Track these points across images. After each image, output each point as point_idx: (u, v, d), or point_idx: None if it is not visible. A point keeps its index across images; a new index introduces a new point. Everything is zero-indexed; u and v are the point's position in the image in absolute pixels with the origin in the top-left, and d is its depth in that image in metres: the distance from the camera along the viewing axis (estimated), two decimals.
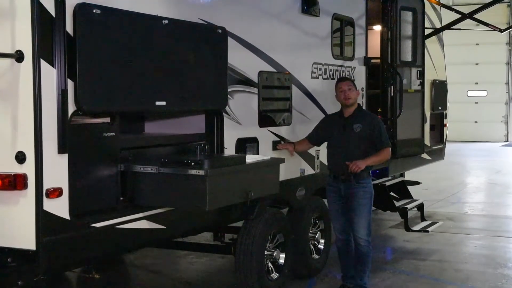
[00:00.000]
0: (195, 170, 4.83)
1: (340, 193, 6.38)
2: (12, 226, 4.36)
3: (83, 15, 4.41)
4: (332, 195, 6.48)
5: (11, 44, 4.26)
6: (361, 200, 6.31)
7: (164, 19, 5.06)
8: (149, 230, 5.11)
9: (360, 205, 6.30)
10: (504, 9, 26.76)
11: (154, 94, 5.01)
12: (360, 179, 6.30)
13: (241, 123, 6.09)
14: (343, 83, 6.50)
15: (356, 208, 6.31)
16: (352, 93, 6.42)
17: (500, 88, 28.01)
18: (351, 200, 6.32)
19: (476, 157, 21.63)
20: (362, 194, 6.31)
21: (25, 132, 4.26)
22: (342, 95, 6.41)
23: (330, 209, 6.60)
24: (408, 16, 9.30)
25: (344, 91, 6.40)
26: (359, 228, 6.33)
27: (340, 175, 6.35)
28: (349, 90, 6.40)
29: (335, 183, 6.42)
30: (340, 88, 6.45)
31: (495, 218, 11.17)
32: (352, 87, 6.46)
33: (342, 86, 6.44)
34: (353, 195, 6.31)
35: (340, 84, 6.50)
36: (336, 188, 6.41)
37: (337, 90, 6.49)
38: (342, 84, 6.48)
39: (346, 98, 6.40)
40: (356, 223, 6.33)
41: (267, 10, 6.55)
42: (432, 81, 10.69)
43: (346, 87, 6.42)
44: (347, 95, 6.39)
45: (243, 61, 6.11)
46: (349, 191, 6.32)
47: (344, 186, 6.34)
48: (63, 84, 4.32)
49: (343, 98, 6.42)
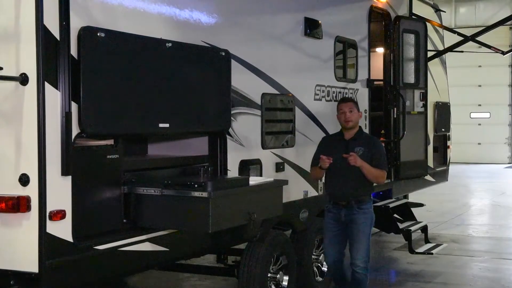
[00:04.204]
0: (198, 192, 4.83)
1: (340, 219, 6.13)
2: (15, 249, 4.35)
3: (88, 38, 4.44)
4: (331, 222, 6.20)
5: (16, 67, 4.29)
6: (361, 226, 6.09)
7: (168, 42, 5.09)
8: (152, 253, 5.10)
9: (360, 231, 6.09)
10: (507, 31, 26.85)
11: (158, 116, 5.03)
12: (362, 204, 6.11)
13: (244, 145, 6.10)
14: (344, 104, 6.24)
15: (356, 234, 6.09)
16: (353, 116, 6.16)
17: (503, 110, 28.02)
18: (352, 226, 6.09)
19: (480, 179, 21.57)
20: (363, 220, 6.10)
21: (28, 154, 4.27)
22: (343, 117, 6.17)
23: (327, 236, 6.27)
24: (411, 38, 9.35)
25: (345, 112, 6.15)
26: (357, 255, 6.08)
27: (342, 200, 6.13)
28: (350, 112, 6.14)
29: (335, 209, 6.17)
30: (341, 109, 6.19)
31: (500, 240, 11.12)
32: (353, 109, 6.19)
33: (343, 108, 6.19)
34: (354, 221, 6.09)
35: (341, 106, 6.24)
36: (336, 215, 6.15)
37: (338, 111, 6.24)
38: (343, 105, 6.22)
39: (346, 120, 6.15)
40: (355, 249, 6.10)
41: (270, 33, 6.59)
42: (435, 103, 10.72)
43: (347, 109, 6.16)
44: (348, 117, 6.14)
45: (246, 83, 6.14)
46: (350, 217, 6.09)
47: (345, 211, 6.11)
48: (67, 106, 4.33)
49: (343, 120, 6.17)
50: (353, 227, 6.11)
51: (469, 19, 27.40)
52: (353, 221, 6.10)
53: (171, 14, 5.30)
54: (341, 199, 6.14)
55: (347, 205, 6.11)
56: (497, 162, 26.95)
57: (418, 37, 9.44)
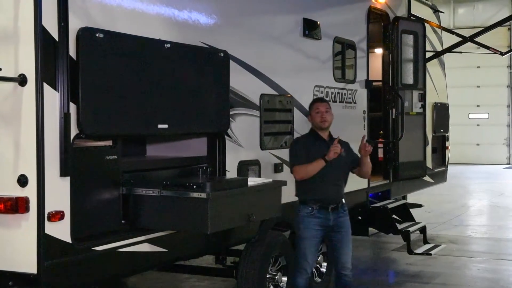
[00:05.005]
0: (197, 193, 4.83)
1: (328, 224, 5.91)
2: (14, 250, 4.35)
3: (86, 39, 4.44)
4: (316, 227, 5.90)
5: (14, 67, 4.28)
6: (348, 229, 6.02)
7: (166, 43, 5.09)
8: (150, 253, 5.10)
9: (348, 234, 6.00)
10: (505, 32, 26.88)
11: (156, 117, 5.03)
12: (344, 206, 6.02)
13: (243, 145, 6.10)
14: (320, 104, 6.05)
15: (345, 238, 5.97)
16: (330, 116, 5.99)
17: (501, 110, 28.05)
18: (340, 230, 5.95)
19: (479, 179, 21.59)
20: (348, 222, 6.03)
21: (27, 155, 4.27)
22: (319, 117, 5.96)
23: (309, 243, 5.92)
24: (410, 39, 9.36)
25: (321, 112, 5.96)
26: (348, 259, 5.97)
27: (332, 204, 5.92)
28: (326, 113, 5.97)
29: (321, 213, 5.90)
30: (317, 109, 5.98)
31: (498, 241, 11.12)
32: (329, 109, 6.02)
33: (319, 107, 5.99)
34: (342, 225, 5.96)
35: (317, 105, 6.03)
36: (324, 219, 5.90)
37: (313, 111, 6.01)
38: (320, 105, 6.03)
39: (323, 120, 5.95)
40: (345, 254, 5.97)
41: (269, 34, 6.59)
42: (433, 104, 10.73)
43: (323, 108, 5.98)
44: (325, 117, 5.95)
45: (245, 84, 6.14)
46: (337, 221, 5.94)
47: (333, 215, 5.92)
48: (66, 107, 4.33)
49: (319, 120, 5.96)
50: (342, 231, 5.98)
51: (468, 20, 27.43)
52: (341, 225, 5.98)
53: (170, 15, 5.30)
54: (332, 202, 5.94)
55: (335, 209, 5.96)
56: (496, 162, 26.99)
57: (416, 38, 9.45)
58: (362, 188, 8.38)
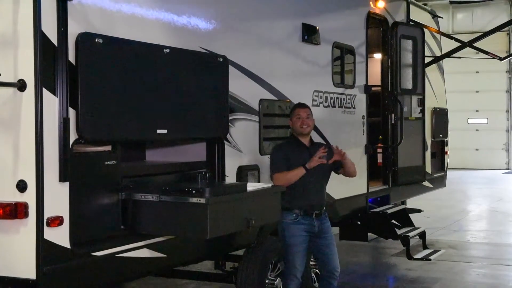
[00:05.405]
0: (196, 198, 4.82)
1: (313, 230, 5.94)
2: (13, 255, 4.34)
3: (85, 44, 4.44)
4: (304, 234, 5.93)
5: (14, 73, 4.28)
6: (332, 233, 6.07)
7: (165, 48, 5.09)
8: (150, 259, 5.09)
9: (332, 238, 6.06)
10: (504, 37, 26.91)
11: (156, 122, 5.02)
12: (326, 211, 6.10)
13: (242, 151, 6.10)
14: (302, 109, 6.03)
15: (330, 243, 6.02)
16: (311, 121, 6.00)
17: (500, 115, 28.07)
18: (325, 236, 6.00)
19: (478, 184, 21.58)
20: (330, 227, 6.10)
21: (26, 160, 4.26)
22: (299, 122, 5.95)
23: (298, 250, 5.94)
24: (408, 44, 9.37)
25: (302, 118, 5.95)
26: (336, 263, 6.03)
27: (316, 210, 5.96)
28: (307, 118, 5.97)
29: (306, 220, 5.93)
30: (298, 114, 5.98)
31: (498, 246, 11.11)
32: (310, 115, 6.03)
33: (300, 113, 5.98)
34: (327, 230, 6.02)
35: (298, 110, 6.02)
36: (309, 225, 5.94)
37: (294, 116, 6.01)
38: (301, 110, 6.01)
39: (304, 125, 5.95)
40: (333, 259, 6.02)
41: (268, 39, 6.60)
42: (432, 109, 10.74)
43: (305, 114, 5.98)
44: (306, 122, 5.95)
45: (244, 89, 6.14)
46: (322, 226, 5.98)
47: (318, 221, 5.96)
48: (65, 112, 4.33)
49: (299, 125, 5.95)
50: (327, 237, 6.03)
51: (467, 25, 27.47)
52: (325, 230, 6.03)
53: (169, 20, 5.30)
54: (316, 209, 5.98)
55: (319, 215, 5.99)
56: (495, 168, 26.99)
57: (415, 43, 9.47)
58: (361, 193, 8.38)
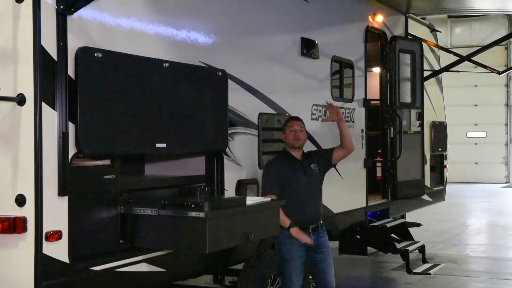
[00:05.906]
0: (195, 212, 4.81)
1: (310, 245, 5.89)
2: (11, 270, 4.32)
3: (85, 58, 4.45)
4: (300, 249, 5.90)
5: (13, 87, 4.28)
6: (329, 248, 6.03)
7: (165, 62, 5.10)
8: (148, 273, 5.07)
9: (329, 253, 6.01)
10: (502, 51, 26.98)
11: (155, 136, 5.02)
12: (323, 225, 6.06)
13: (241, 164, 6.10)
14: (295, 122, 6.05)
15: (328, 257, 5.99)
16: (304, 134, 6.03)
17: (499, 129, 28.09)
18: (323, 250, 5.97)
19: (477, 198, 21.56)
20: (328, 241, 6.07)
21: (25, 175, 4.26)
22: (292, 135, 5.97)
23: (295, 265, 5.91)
24: (407, 58, 9.40)
25: (295, 131, 5.97)
26: (332, 278, 6.00)
27: (313, 223, 5.95)
28: (300, 132, 5.99)
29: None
30: (292, 127, 6.00)
31: (497, 260, 11.08)
32: (303, 128, 6.05)
33: (294, 125, 6.00)
34: (324, 244, 5.99)
35: (292, 123, 6.04)
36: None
37: (287, 129, 6.04)
38: (295, 123, 6.03)
39: (296, 138, 5.97)
40: (329, 273, 5.98)
41: (267, 53, 6.61)
42: (431, 123, 10.75)
43: (298, 127, 6.00)
44: (298, 135, 5.97)
45: (243, 103, 6.15)
46: (319, 241, 5.96)
47: (314, 235, 5.93)
48: (64, 127, 4.33)
49: (292, 138, 5.98)
50: (324, 251, 6.00)
51: (465, 39, 27.56)
52: (322, 245, 6.00)
53: (168, 35, 5.32)
54: (312, 222, 5.97)
55: (315, 229, 5.98)
56: (494, 181, 26.96)
57: (414, 57, 9.49)
58: (361, 207, 8.37)
